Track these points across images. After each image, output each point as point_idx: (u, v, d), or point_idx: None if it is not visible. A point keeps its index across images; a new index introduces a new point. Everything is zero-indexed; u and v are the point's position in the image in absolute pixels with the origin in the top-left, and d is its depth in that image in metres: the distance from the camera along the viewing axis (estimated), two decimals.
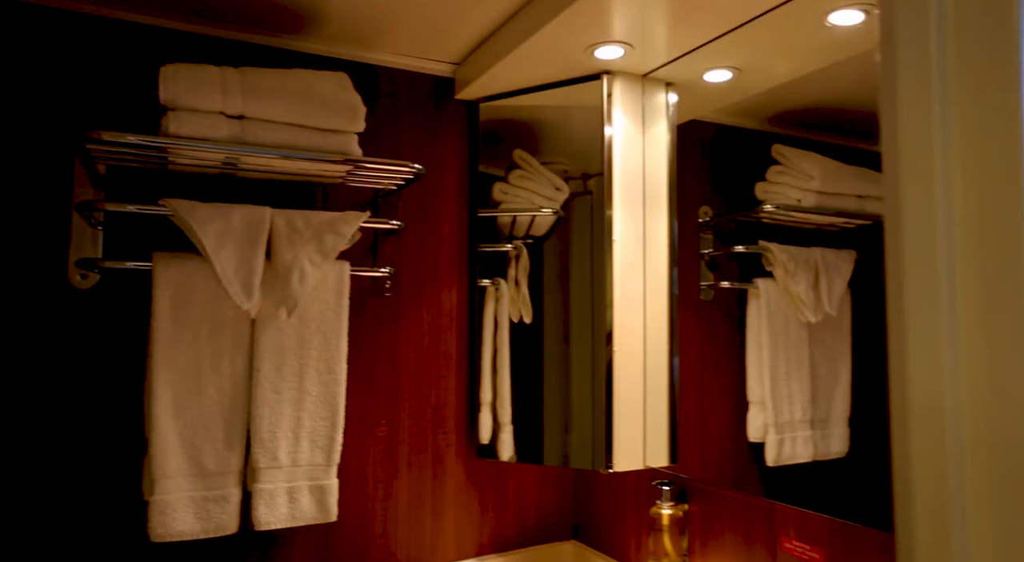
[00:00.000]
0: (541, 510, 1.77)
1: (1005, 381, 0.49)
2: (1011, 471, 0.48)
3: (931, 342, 0.53)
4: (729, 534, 1.35)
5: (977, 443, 0.50)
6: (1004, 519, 0.48)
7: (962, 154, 0.54)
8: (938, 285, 0.54)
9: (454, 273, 1.69)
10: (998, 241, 0.52)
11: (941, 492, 0.51)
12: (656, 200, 1.54)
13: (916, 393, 0.53)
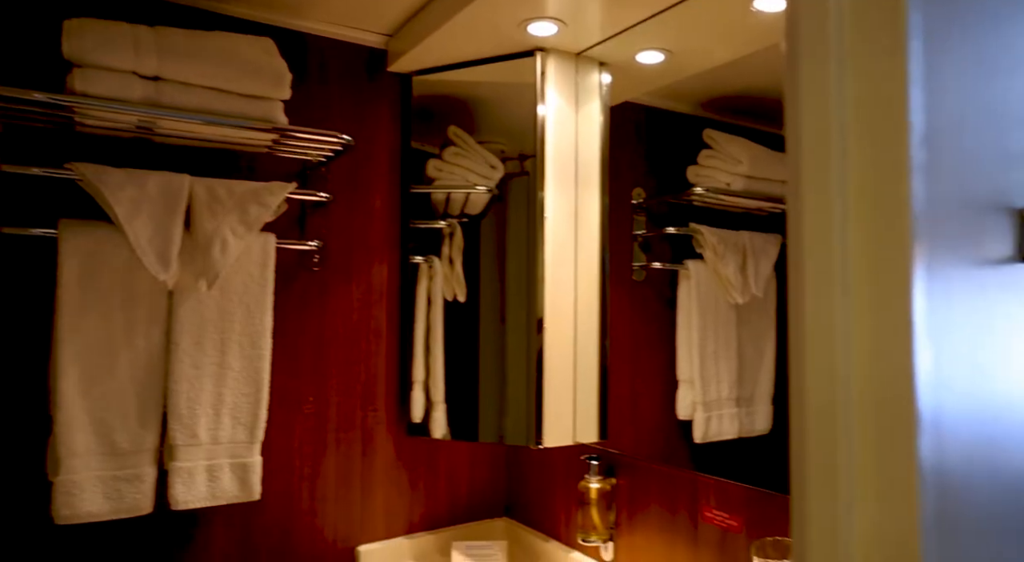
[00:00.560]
0: (473, 488, 1.77)
1: (885, 343, 0.51)
2: (888, 426, 0.50)
3: (826, 309, 0.55)
4: (654, 506, 1.38)
5: (863, 405, 0.52)
6: (884, 472, 0.50)
7: (856, 134, 0.56)
8: (832, 255, 0.56)
9: (385, 249, 1.66)
10: (885, 213, 0.54)
11: (831, 450, 0.53)
12: (589, 180, 1.55)
13: (812, 360, 0.55)
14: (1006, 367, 0.67)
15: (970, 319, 0.62)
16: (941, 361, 0.54)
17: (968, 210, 0.66)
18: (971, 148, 0.67)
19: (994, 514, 0.60)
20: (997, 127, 0.72)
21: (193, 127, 1.21)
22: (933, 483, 0.50)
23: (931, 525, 0.51)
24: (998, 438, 0.63)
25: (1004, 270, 0.70)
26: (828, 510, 0.53)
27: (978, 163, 0.68)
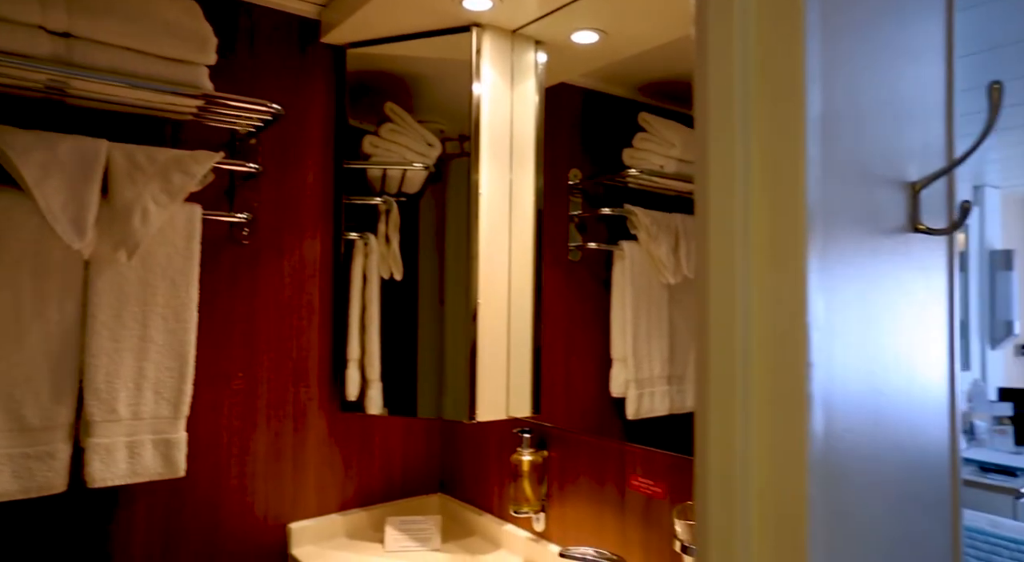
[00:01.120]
0: (407, 464, 1.77)
1: (783, 318, 0.54)
2: (782, 389, 0.53)
3: (727, 278, 0.57)
4: (584, 477, 1.41)
5: (761, 369, 0.55)
6: (778, 437, 0.52)
7: (759, 117, 0.58)
8: (734, 231, 0.58)
9: (318, 224, 1.64)
10: (784, 189, 0.56)
11: (730, 415, 0.55)
12: (524, 159, 1.55)
13: (715, 323, 0.57)
14: (895, 330, 0.71)
15: (863, 287, 0.66)
16: (832, 322, 0.56)
17: (865, 185, 0.69)
18: (868, 130, 0.70)
19: (876, 469, 0.64)
20: (893, 110, 0.75)
21: (109, 89, 1.16)
22: (821, 446, 0.53)
23: (819, 481, 0.54)
24: (884, 404, 0.66)
25: (898, 239, 0.74)
26: (726, 469, 0.55)
27: (875, 143, 0.71)
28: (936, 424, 0.80)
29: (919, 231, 0.75)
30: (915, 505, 0.74)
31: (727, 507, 0.54)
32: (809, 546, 0.51)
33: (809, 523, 0.51)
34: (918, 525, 0.74)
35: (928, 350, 0.80)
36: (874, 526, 0.63)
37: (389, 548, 1.55)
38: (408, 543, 1.56)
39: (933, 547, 0.80)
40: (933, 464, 0.80)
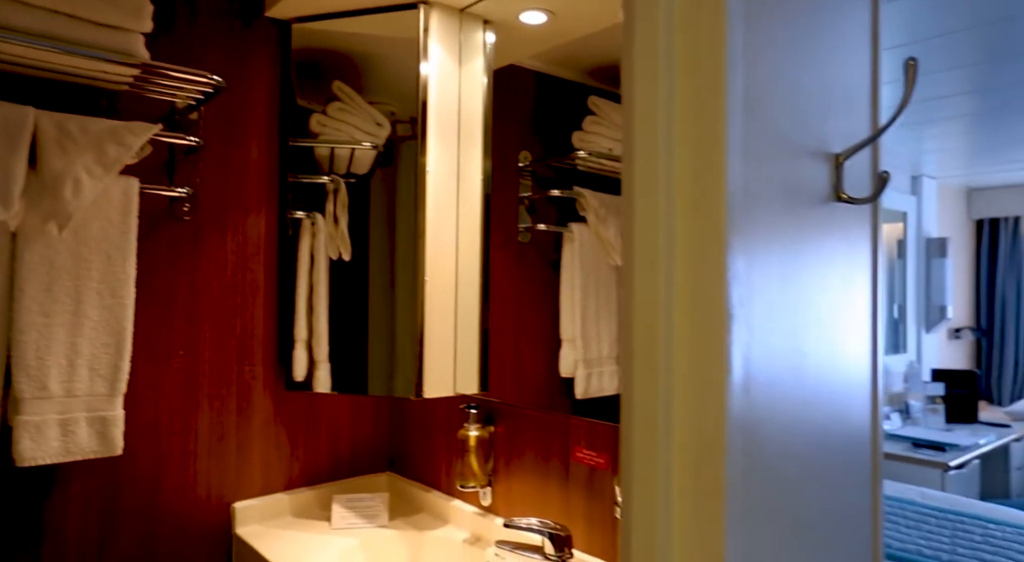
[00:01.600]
0: (355, 443, 1.77)
1: (701, 284, 0.55)
2: (702, 357, 0.55)
3: (652, 251, 0.59)
4: (529, 452, 1.43)
5: (683, 323, 0.57)
6: (701, 407, 0.54)
7: (682, 92, 0.60)
8: (659, 198, 0.60)
9: (263, 201, 1.61)
10: (705, 160, 0.58)
11: (653, 382, 0.57)
12: (472, 140, 1.55)
13: (639, 295, 0.59)
14: (817, 294, 0.74)
15: (785, 253, 0.68)
16: (752, 280, 0.59)
17: (790, 157, 0.72)
18: (794, 106, 0.72)
19: (796, 423, 0.67)
20: (819, 88, 0.78)
21: (34, 53, 1.12)
22: (741, 397, 0.55)
23: (738, 428, 0.56)
24: (806, 364, 0.69)
25: (822, 209, 0.78)
26: (650, 413, 0.57)
27: (801, 119, 0.74)
28: (858, 381, 0.84)
29: (842, 200, 0.79)
30: (835, 461, 0.77)
31: (649, 450, 0.56)
32: (726, 487, 0.53)
33: (727, 464, 0.53)
34: (836, 480, 0.77)
35: (852, 314, 0.84)
36: (791, 476, 0.66)
37: (336, 525, 1.55)
38: (355, 520, 1.56)
39: (854, 506, 0.84)
40: (855, 422, 0.84)
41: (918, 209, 4.14)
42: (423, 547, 1.51)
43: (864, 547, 0.86)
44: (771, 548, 0.61)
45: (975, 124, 2.92)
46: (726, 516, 0.51)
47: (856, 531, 0.85)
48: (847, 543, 0.81)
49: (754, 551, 0.57)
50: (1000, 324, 4.64)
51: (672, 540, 0.54)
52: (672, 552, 0.54)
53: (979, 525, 2.34)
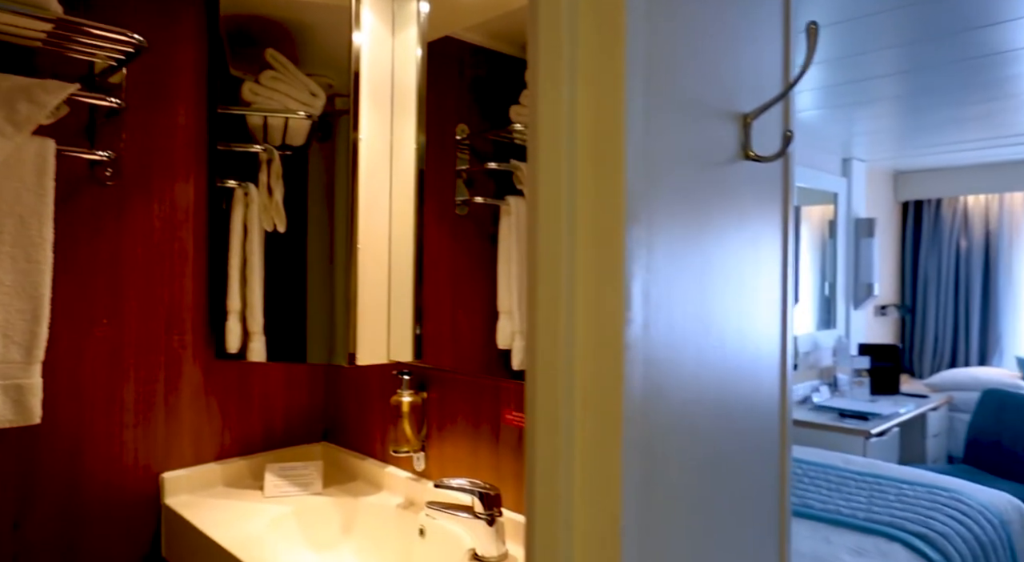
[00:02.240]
0: (289, 413, 1.76)
1: (605, 259, 0.58)
2: (603, 295, 0.57)
3: (555, 221, 0.61)
4: (462, 417, 1.45)
5: (584, 284, 0.59)
6: (599, 339, 0.57)
7: (584, 58, 0.61)
8: (561, 165, 0.62)
9: (191, 168, 1.57)
10: (605, 120, 0.60)
11: (555, 349, 0.59)
12: (405, 111, 1.55)
13: (543, 267, 0.61)
14: (724, 252, 0.77)
15: (692, 211, 0.71)
16: (653, 239, 0.61)
17: (697, 117, 0.75)
18: (703, 68, 0.75)
19: (700, 383, 0.70)
20: (729, 49, 0.81)
21: None
22: (640, 359, 0.58)
23: (637, 387, 0.59)
24: (714, 324, 0.73)
25: (730, 167, 0.81)
26: (551, 374, 0.59)
27: (710, 80, 0.77)
28: (769, 335, 0.88)
29: (749, 158, 0.82)
30: (743, 426, 0.82)
31: (551, 397, 0.59)
32: (624, 422, 0.56)
33: (624, 416, 0.56)
34: (743, 445, 0.82)
35: (763, 270, 0.88)
36: (692, 434, 0.70)
37: (269, 494, 1.54)
38: (288, 488, 1.56)
39: (762, 472, 0.89)
40: (765, 379, 0.89)
41: (848, 191, 4.30)
42: (357, 513, 1.52)
43: (772, 502, 0.91)
44: (675, 487, 0.65)
45: (902, 106, 3.05)
46: (623, 444, 0.54)
47: (764, 487, 0.90)
48: (756, 497, 0.86)
49: (653, 491, 0.60)
50: (922, 302, 4.89)
51: (573, 477, 0.57)
52: (573, 481, 0.56)
53: (893, 485, 2.49)
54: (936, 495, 2.37)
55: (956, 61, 2.41)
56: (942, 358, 4.77)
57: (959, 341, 4.71)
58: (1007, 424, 3.33)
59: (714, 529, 0.74)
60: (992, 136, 3.68)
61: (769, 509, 0.90)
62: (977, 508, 2.30)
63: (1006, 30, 2.11)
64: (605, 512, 0.53)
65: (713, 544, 0.73)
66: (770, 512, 0.91)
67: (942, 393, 4.05)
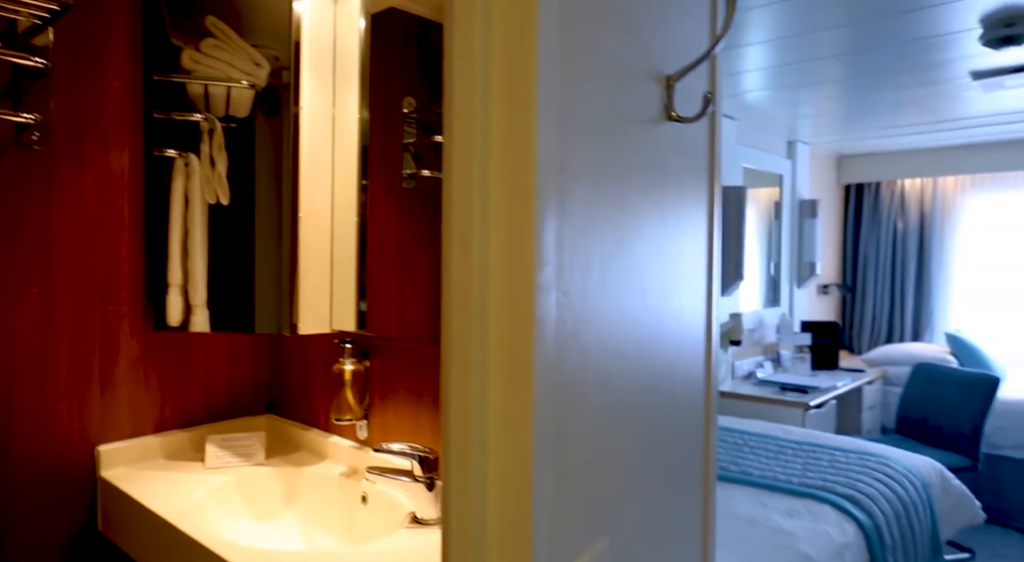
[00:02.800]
0: (232, 385, 1.74)
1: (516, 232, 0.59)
2: (514, 241, 0.59)
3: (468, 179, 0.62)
4: (404, 384, 1.46)
5: (498, 262, 0.60)
6: (511, 339, 0.59)
7: (499, 17, 0.62)
8: (474, 125, 0.62)
9: (127, 135, 1.53)
10: (517, 80, 0.61)
11: (468, 304, 0.61)
12: (348, 82, 1.54)
13: (456, 211, 0.62)
14: (643, 207, 0.80)
15: (611, 172, 0.73)
16: (567, 193, 0.63)
17: (620, 78, 0.76)
18: (625, 29, 0.77)
19: (617, 346, 0.73)
20: (654, 10, 0.83)
21: None
22: (552, 323, 0.60)
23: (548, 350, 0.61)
24: (628, 284, 0.75)
25: (653, 128, 0.83)
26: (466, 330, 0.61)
27: (632, 41, 0.78)
28: (695, 294, 0.91)
29: (672, 119, 0.85)
30: (667, 387, 0.85)
31: (466, 337, 0.60)
32: (535, 379, 0.58)
33: (536, 352, 0.58)
34: (666, 407, 0.85)
35: (687, 233, 0.91)
36: (609, 384, 0.72)
37: (210, 465, 1.53)
38: (230, 459, 1.55)
39: (687, 435, 0.92)
40: (690, 347, 0.92)
41: (793, 173, 4.42)
42: (300, 482, 1.52)
43: (697, 465, 0.95)
44: (590, 435, 0.67)
45: (844, 88, 3.14)
46: (535, 382, 0.56)
47: (689, 449, 0.93)
48: (680, 459, 0.89)
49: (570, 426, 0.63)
50: (862, 281, 5.07)
51: (487, 415, 0.58)
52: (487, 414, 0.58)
53: (827, 453, 2.60)
54: (866, 460, 2.49)
55: (894, 44, 2.49)
56: (879, 335, 4.97)
57: (895, 318, 4.91)
58: (935, 396, 3.50)
59: (635, 482, 0.77)
60: (927, 121, 3.82)
61: (693, 471, 0.94)
62: (902, 472, 2.43)
63: (937, 14, 2.19)
64: (517, 451, 0.56)
65: (633, 496, 0.76)
66: (694, 474, 0.95)
67: (878, 368, 4.23)
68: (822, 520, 2.03)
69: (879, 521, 2.10)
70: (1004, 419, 3.63)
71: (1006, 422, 3.63)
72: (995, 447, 3.65)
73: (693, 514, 0.95)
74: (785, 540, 1.88)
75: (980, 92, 3.08)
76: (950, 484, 2.62)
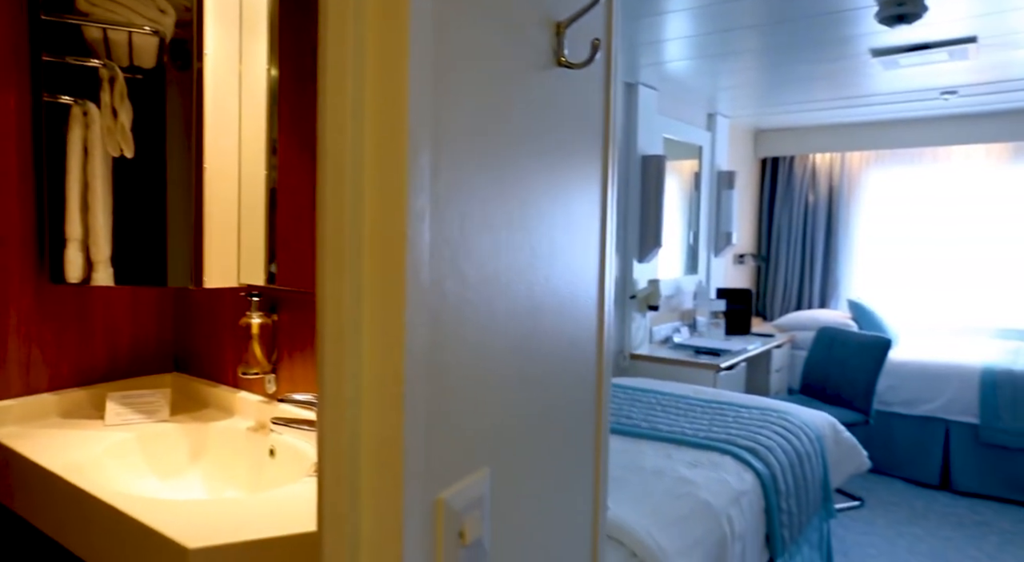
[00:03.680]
0: (136, 342, 1.69)
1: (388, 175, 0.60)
2: (387, 200, 0.60)
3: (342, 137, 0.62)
4: (312, 344, 1.45)
5: (372, 212, 0.61)
6: (384, 287, 0.60)
7: None
8: (345, 60, 0.62)
9: (11, 79, 1.45)
10: (390, 27, 0.61)
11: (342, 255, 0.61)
12: (256, 34, 1.49)
13: (330, 143, 0.62)
14: (530, 155, 0.82)
15: (493, 118, 0.75)
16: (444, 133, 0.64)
17: (505, 23, 0.78)
18: None
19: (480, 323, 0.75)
20: None
21: None
22: (425, 277, 0.62)
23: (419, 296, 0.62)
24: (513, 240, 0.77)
25: (543, 74, 0.85)
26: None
27: None
28: (585, 252, 0.95)
29: (561, 65, 0.87)
30: (556, 342, 0.88)
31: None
32: (407, 297, 0.59)
33: (408, 285, 0.60)
34: (557, 363, 0.88)
35: (574, 179, 0.93)
36: (495, 333, 0.75)
37: (110, 422, 1.49)
38: (132, 416, 1.51)
39: (581, 391, 0.96)
40: (581, 302, 0.96)
41: (712, 145, 4.56)
42: (206, 437, 1.50)
43: (589, 418, 0.99)
44: (468, 366, 0.69)
45: (761, 61, 3.25)
46: (407, 299, 0.58)
47: (580, 401, 0.97)
48: (570, 412, 0.93)
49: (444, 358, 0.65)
50: (775, 251, 5.31)
51: (361, 342, 0.60)
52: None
53: (733, 410, 2.74)
54: (767, 416, 2.64)
55: (803, 17, 2.59)
56: (790, 302, 5.23)
57: (804, 287, 5.18)
58: (835, 358, 3.74)
59: (522, 421, 0.80)
60: (836, 97, 4.01)
61: (584, 418, 0.98)
62: (799, 425, 2.59)
63: None
64: (390, 370, 0.57)
65: (520, 434, 0.80)
66: (585, 421, 0.98)
67: (787, 333, 4.46)
68: (722, 470, 2.15)
69: (775, 470, 2.25)
70: (895, 378, 3.91)
71: (896, 381, 3.91)
72: (886, 404, 3.94)
73: (584, 458, 0.99)
74: (687, 488, 1.98)
75: (880, 70, 3.24)
76: (841, 436, 2.82)
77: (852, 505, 3.49)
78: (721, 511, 1.93)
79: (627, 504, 1.83)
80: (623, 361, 3.73)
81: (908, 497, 3.62)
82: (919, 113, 4.45)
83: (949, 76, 3.40)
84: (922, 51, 2.85)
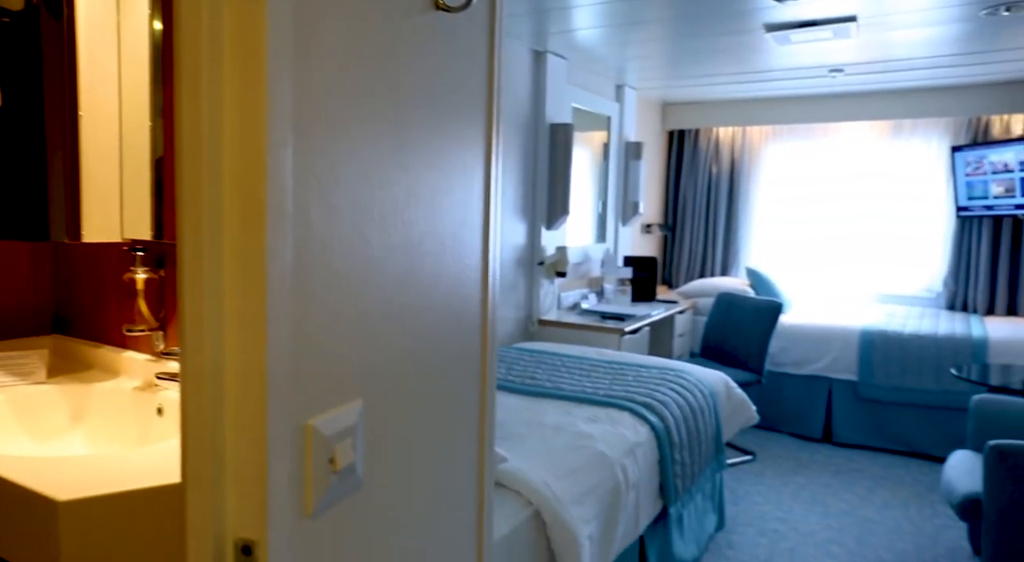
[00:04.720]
0: (8, 304, 1.59)
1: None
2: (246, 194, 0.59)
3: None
4: None
5: (233, 174, 0.60)
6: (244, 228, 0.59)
7: None
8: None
9: None
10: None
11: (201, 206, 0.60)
12: None
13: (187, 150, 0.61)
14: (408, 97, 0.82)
15: (368, 65, 0.75)
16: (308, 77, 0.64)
17: None
18: None
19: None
20: None
21: None
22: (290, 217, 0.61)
23: None
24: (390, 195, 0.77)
25: (422, 18, 0.86)
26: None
27: None
28: (468, 212, 0.96)
29: (439, 9, 0.88)
30: (437, 298, 0.89)
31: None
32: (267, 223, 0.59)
33: (268, 209, 0.60)
34: (437, 310, 0.90)
35: (452, 124, 0.94)
36: (366, 268, 0.76)
37: None
38: (3, 379, 1.43)
39: (463, 343, 0.98)
40: (465, 261, 0.97)
41: (620, 116, 4.66)
42: (88, 398, 1.44)
43: (473, 377, 1.01)
44: (333, 301, 0.70)
45: (667, 30, 3.32)
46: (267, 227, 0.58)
47: (465, 349, 0.99)
48: (453, 371, 0.95)
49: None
50: (681, 221, 5.52)
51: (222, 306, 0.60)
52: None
53: (633, 370, 2.86)
54: (665, 375, 2.77)
55: None
56: (694, 270, 5.46)
57: (707, 255, 5.41)
58: (732, 322, 3.95)
59: (397, 360, 0.82)
60: (736, 72, 4.17)
61: (468, 367, 1.00)
62: (694, 382, 2.74)
63: None
64: (251, 294, 0.58)
65: (394, 372, 0.81)
66: (470, 371, 1.01)
67: (690, 300, 4.67)
68: (619, 424, 2.25)
69: (669, 423, 2.37)
70: (786, 341, 4.18)
71: (787, 343, 4.17)
72: (778, 365, 4.20)
73: (469, 403, 1.01)
74: (584, 441, 2.07)
75: (773, 45, 3.40)
76: (733, 392, 3.00)
77: (745, 459, 3.72)
78: (616, 461, 2.02)
79: (525, 457, 1.89)
80: (531, 326, 3.80)
81: (794, 450, 3.90)
82: (810, 90, 4.69)
83: (836, 54, 3.61)
84: (810, 28, 3.00)
